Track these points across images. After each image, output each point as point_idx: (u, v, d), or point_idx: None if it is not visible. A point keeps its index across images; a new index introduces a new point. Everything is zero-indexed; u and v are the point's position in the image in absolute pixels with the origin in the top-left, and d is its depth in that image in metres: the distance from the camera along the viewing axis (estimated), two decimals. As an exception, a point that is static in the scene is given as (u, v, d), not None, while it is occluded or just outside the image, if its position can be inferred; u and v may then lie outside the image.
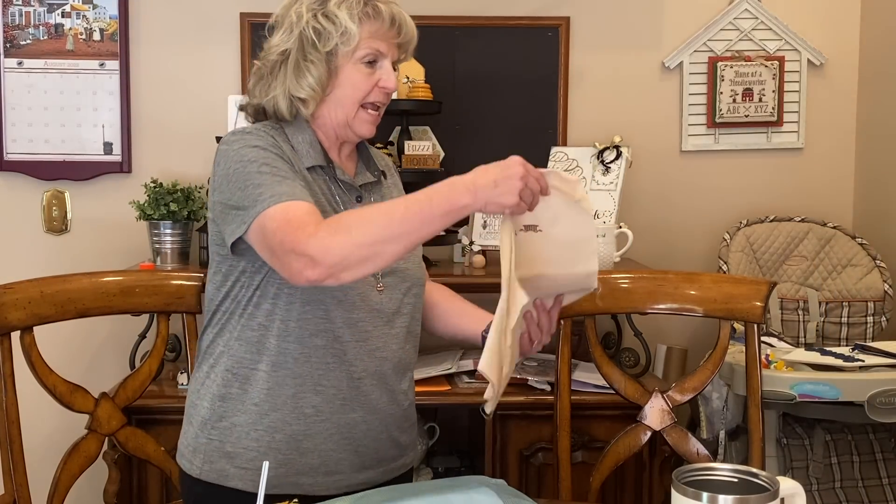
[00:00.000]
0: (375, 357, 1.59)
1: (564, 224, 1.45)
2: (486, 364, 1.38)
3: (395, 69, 1.65)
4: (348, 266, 1.38)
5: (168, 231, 2.65)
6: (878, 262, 2.84)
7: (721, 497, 1.20)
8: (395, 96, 2.68)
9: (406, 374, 1.67)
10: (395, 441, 1.66)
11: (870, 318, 2.81)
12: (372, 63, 1.61)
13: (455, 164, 2.80)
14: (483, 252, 2.70)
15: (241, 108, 1.70)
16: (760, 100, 3.03)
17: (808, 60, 3.05)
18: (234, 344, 1.58)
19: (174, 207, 2.63)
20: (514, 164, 1.38)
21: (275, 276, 1.53)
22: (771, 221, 2.93)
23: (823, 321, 2.83)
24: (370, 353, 1.58)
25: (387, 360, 1.61)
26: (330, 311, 1.55)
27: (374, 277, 1.59)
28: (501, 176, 1.38)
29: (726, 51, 3.02)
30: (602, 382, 2.10)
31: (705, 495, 1.21)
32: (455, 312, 1.79)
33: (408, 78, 2.72)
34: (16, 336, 1.78)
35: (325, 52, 1.57)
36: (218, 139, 1.88)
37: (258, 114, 1.66)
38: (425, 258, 2.73)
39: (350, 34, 1.57)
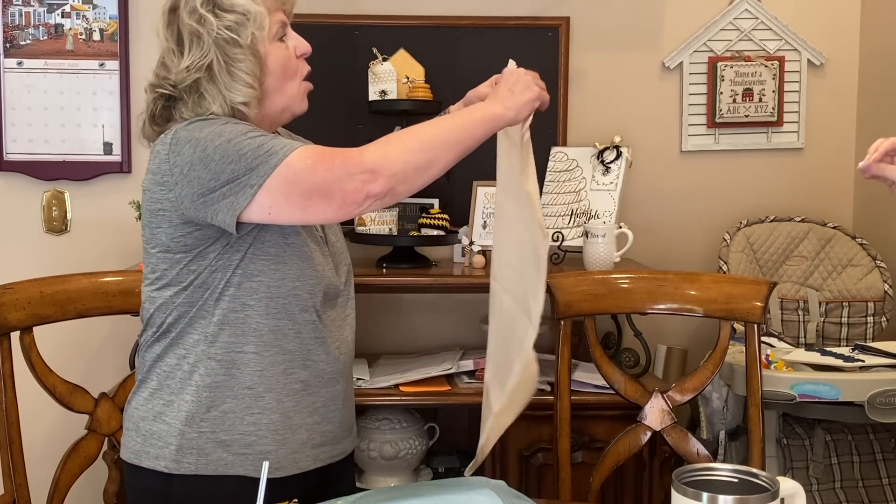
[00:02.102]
0: (347, 326, 1.65)
1: None
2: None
3: None
4: (406, 176, 1.43)
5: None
6: (878, 262, 2.84)
7: (721, 497, 1.20)
8: (394, 96, 2.69)
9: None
10: (354, 407, 1.74)
11: (870, 319, 2.81)
12: (282, 37, 1.59)
13: (455, 164, 2.80)
14: (483, 252, 2.69)
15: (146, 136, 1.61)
16: (760, 100, 3.03)
17: (808, 60, 3.05)
18: (213, 330, 1.52)
19: (174, 207, 2.63)
20: (511, 71, 1.54)
21: (259, 252, 1.50)
22: (771, 221, 2.93)
23: (823, 321, 2.83)
24: (343, 322, 1.64)
25: (351, 329, 1.68)
26: (315, 286, 1.55)
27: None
28: (511, 82, 1.54)
29: (726, 51, 3.02)
30: (602, 382, 2.10)
31: (705, 495, 1.21)
32: None
33: (408, 78, 2.72)
34: (16, 336, 1.78)
35: (248, 46, 1.52)
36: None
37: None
38: (425, 257, 2.73)
39: (260, 16, 1.53)
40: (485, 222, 2.77)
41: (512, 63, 1.61)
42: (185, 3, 1.54)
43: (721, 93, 3.01)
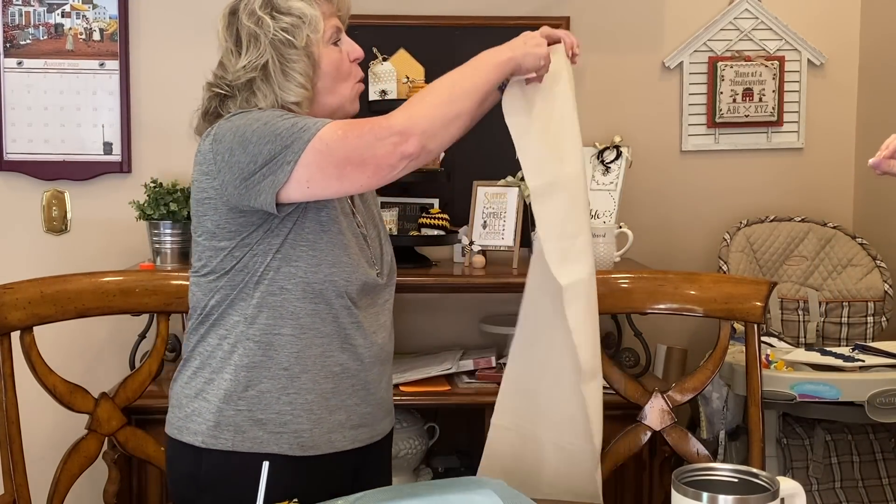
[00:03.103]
0: (385, 311, 1.70)
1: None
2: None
3: None
4: (435, 132, 1.48)
5: (168, 231, 2.65)
6: (878, 262, 2.84)
7: (721, 497, 1.20)
8: (394, 96, 2.69)
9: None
10: (392, 388, 1.78)
11: (870, 319, 2.81)
12: (336, 42, 1.65)
13: (455, 164, 2.80)
14: (483, 252, 2.69)
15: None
16: (760, 100, 3.03)
17: (808, 60, 3.05)
18: (252, 312, 1.57)
19: (174, 207, 2.63)
20: (527, 33, 1.62)
21: (299, 238, 1.56)
22: (771, 221, 2.93)
23: (823, 321, 2.83)
24: (381, 308, 1.68)
25: (389, 314, 1.72)
26: (350, 274, 1.59)
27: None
28: (526, 36, 1.62)
29: (726, 51, 3.02)
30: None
31: (705, 495, 1.21)
32: None
33: (408, 78, 2.72)
34: (16, 336, 1.78)
35: (302, 48, 1.58)
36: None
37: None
38: (425, 257, 2.73)
39: (315, 20, 1.59)
40: (485, 222, 2.77)
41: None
42: (244, 5, 1.60)
43: (721, 93, 3.01)
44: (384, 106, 2.69)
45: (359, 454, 1.66)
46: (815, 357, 2.46)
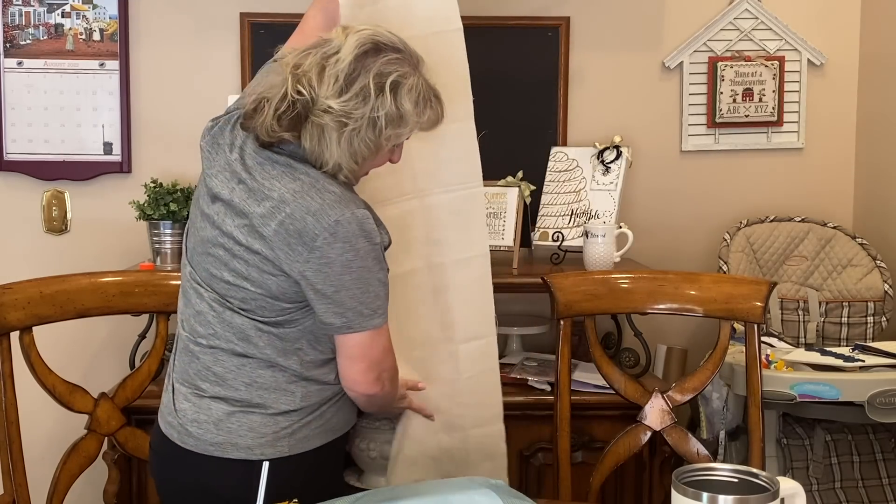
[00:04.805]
0: None
1: None
2: None
3: None
4: (370, 402, 1.74)
5: (168, 231, 2.65)
6: (878, 262, 2.84)
7: (721, 497, 1.21)
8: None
9: None
10: None
11: (870, 319, 2.81)
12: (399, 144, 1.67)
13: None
14: (483, 252, 2.69)
15: (266, 131, 1.58)
16: (760, 100, 3.03)
17: (808, 60, 3.05)
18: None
19: (174, 207, 2.63)
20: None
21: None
22: (771, 221, 2.93)
23: (823, 321, 2.83)
24: None
25: None
26: None
27: None
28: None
29: (726, 51, 3.02)
30: (602, 382, 2.10)
31: (705, 495, 1.21)
32: None
33: (408, 78, 2.72)
34: (15, 336, 1.78)
35: (381, 140, 1.59)
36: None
37: (277, 140, 1.59)
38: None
39: (408, 128, 1.61)
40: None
41: None
42: (382, 60, 1.56)
43: (721, 93, 3.01)
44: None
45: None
46: (815, 357, 2.46)
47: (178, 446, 1.65)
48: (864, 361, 2.40)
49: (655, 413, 1.91)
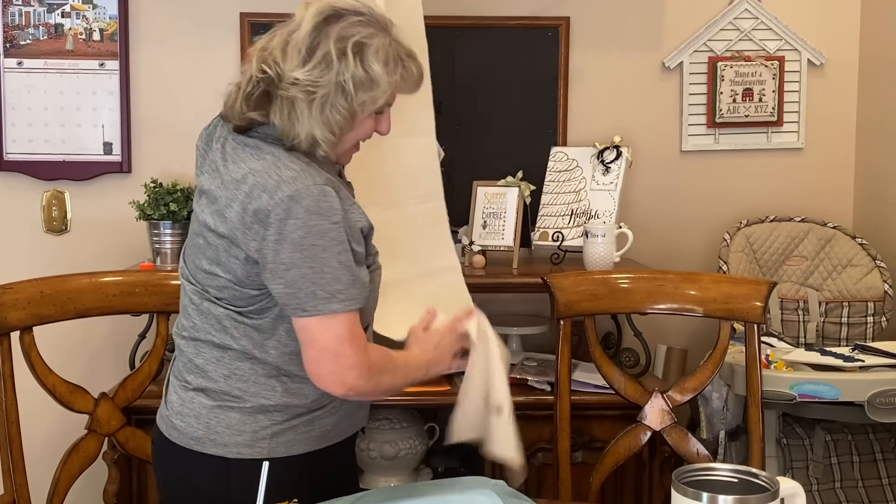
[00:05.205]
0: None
1: None
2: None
3: None
4: (359, 398, 1.63)
5: (168, 231, 2.65)
6: (878, 262, 2.84)
7: (721, 497, 1.21)
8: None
9: None
10: None
11: (870, 319, 2.81)
12: (380, 112, 1.62)
13: (455, 164, 2.80)
14: (483, 252, 2.69)
15: (237, 115, 1.59)
16: (760, 100, 3.03)
17: (808, 60, 3.05)
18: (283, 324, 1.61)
19: (174, 207, 2.63)
20: (444, 337, 1.73)
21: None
22: (771, 221, 2.93)
23: (823, 321, 2.83)
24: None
25: None
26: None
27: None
28: (442, 343, 1.72)
29: (726, 51, 3.02)
30: (602, 382, 2.10)
31: (705, 495, 1.21)
32: None
33: (408, 78, 2.72)
34: (15, 336, 1.78)
35: (354, 105, 1.54)
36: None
37: (248, 123, 1.59)
38: (425, 258, 2.73)
39: (383, 91, 1.56)
40: (485, 222, 2.77)
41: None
42: (343, 26, 1.54)
43: (721, 93, 3.01)
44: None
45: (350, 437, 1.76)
46: (815, 357, 2.46)
47: (166, 438, 1.66)
48: (863, 361, 2.40)
49: (655, 413, 1.91)
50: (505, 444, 1.66)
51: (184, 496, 1.66)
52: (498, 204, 2.76)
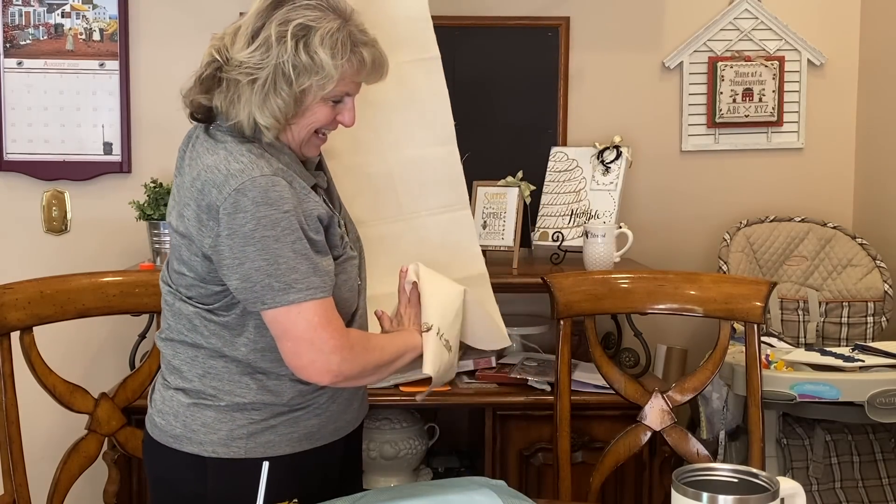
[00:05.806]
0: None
1: None
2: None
3: None
4: (350, 382, 1.60)
5: (168, 231, 2.65)
6: (878, 262, 2.84)
7: (721, 497, 1.21)
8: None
9: None
10: None
11: (870, 319, 2.81)
12: (338, 101, 1.60)
13: (455, 164, 2.80)
14: (483, 252, 2.69)
15: (189, 100, 1.60)
16: (760, 100, 3.03)
17: (808, 60, 3.05)
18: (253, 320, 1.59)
19: (174, 207, 2.63)
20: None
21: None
22: (771, 221, 2.93)
23: (823, 321, 2.83)
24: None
25: None
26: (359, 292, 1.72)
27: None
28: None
29: (726, 51, 3.02)
30: (602, 382, 2.10)
31: (705, 495, 1.21)
32: None
33: (408, 78, 2.72)
34: (15, 336, 1.78)
35: (297, 91, 1.52)
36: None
37: (203, 111, 1.59)
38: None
39: (328, 77, 1.53)
40: (485, 222, 2.77)
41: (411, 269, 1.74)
42: (288, 8, 1.53)
43: (721, 93, 3.01)
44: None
45: (348, 437, 1.74)
46: (815, 357, 2.46)
47: (150, 436, 1.66)
48: (863, 361, 2.40)
49: (655, 413, 1.91)
50: (430, 361, 1.69)
51: (165, 494, 1.66)
52: (498, 204, 2.76)
